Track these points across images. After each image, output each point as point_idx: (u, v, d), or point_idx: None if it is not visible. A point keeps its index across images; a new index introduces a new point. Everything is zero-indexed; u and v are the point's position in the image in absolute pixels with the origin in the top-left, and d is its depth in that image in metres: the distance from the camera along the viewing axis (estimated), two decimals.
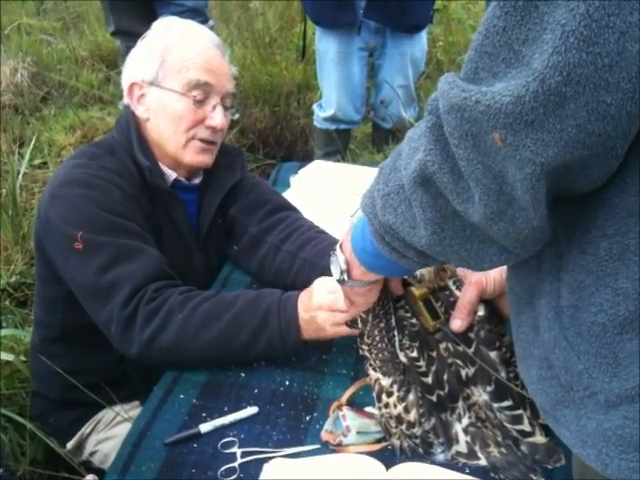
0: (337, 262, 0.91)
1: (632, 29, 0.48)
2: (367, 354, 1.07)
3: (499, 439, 1.02)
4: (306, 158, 3.52)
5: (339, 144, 3.18)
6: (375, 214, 0.75)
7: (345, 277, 0.91)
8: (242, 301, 1.26)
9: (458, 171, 0.60)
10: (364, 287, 0.94)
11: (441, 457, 1.03)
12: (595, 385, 0.62)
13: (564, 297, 0.64)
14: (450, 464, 1.03)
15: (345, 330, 1.18)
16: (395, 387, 1.03)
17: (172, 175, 1.48)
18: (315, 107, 3.32)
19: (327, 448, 1.08)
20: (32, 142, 3.26)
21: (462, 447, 1.03)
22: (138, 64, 1.45)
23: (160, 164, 1.47)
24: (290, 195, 1.84)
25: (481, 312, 1.05)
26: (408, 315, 1.07)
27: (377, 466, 1.02)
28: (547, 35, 0.50)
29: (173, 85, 1.41)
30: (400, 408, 1.02)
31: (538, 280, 0.67)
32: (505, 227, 0.60)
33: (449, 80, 0.57)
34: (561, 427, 0.69)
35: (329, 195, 1.89)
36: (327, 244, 1.45)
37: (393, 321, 1.06)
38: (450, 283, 1.08)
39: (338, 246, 0.91)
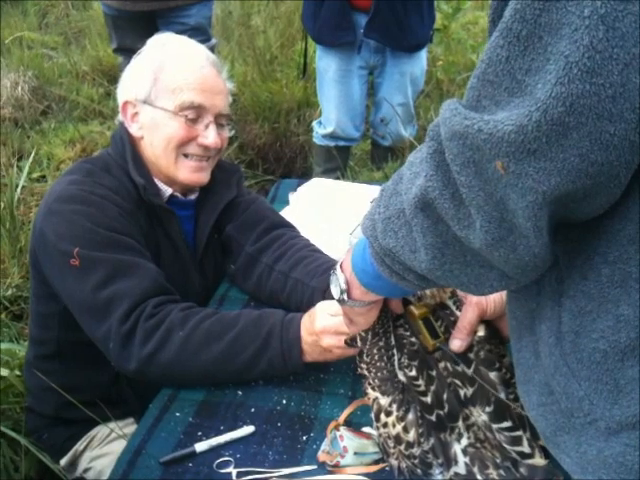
0: (337, 282, 0.91)
1: (635, 61, 0.48)
2: (366, 373, 1.06)
3: (498, 461, 1.01)
4: (305, 175, 3.53)
5: (338, 161, 3.20)
6: (376, 237, 0.75)
7: (345, 297, 0.91)
8: (244, 321, 1.25)
9: (459, 197, 0.60)
10: (364, 307, 0.94)
11: (439, 478, 1.02)
12: (596, 412, 0.62)
13: (565, 322, 0.63)
14: None
15: (351, 351, 1.17)
16: (394, 406, 1.02)
17: (168, 191, 1.48)
18: (315, 124, 3.34)
19: (324, 469, 1.07)
20: (31, 155, 3.26)
21: (461, 468, 1.02)
22: (132, 82, 1.45)
23: (156, 180, 1.47)
24: (288, 212, 1.84)
25: (481, 333, 1.04)
26: (407, 334, 1.06)
27: None
28: (550, 66, 0.50)
29: (166, 104, 1.40)
30: (399, 428, 1.01)
31: (539, 305, 0.67)
32: (506, 254, 0.60)
33: (451, 107, 0.57)
34: (561, 453, 0.68)
35: (328, 212, 1.89)
36: (318, 264, 1.45)
37: (392, 340, 1.06)
38: (450, 303, 1.08)
39: (338, 265, 0.91)
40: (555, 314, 0.64)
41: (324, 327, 1.18)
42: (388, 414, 1.02)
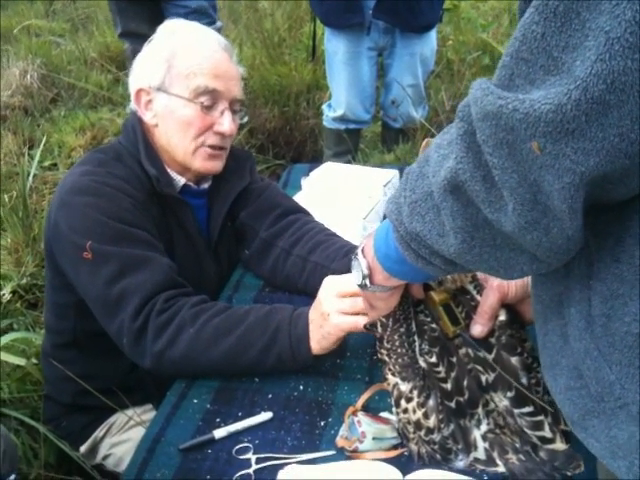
0: (359, 267, 0.89)
1: None
2: (386, 359, 1.05)
3: (517, 445, 1.01)
4: (316, 158, 3.51)
5: (349, 144, 3.17)
6: (401, 221, 0.73)
7: (367, 282, 0.89)
8: (253, 317, 1.24)
9: (491, 179, 0.58)
10: (386, 292, 0.93)
11: (459, 464, 1.02)
12: (627, 396, 0.61)
13: (595, 306, 0.62)
14: (468, 471, 1.01)
15: (351, 323, 1.14)
16: (415, 393, 1.01)
17: (181, 181, 1.47)
18: (325, 107, 3.31)
19: (342, 454, 1.06)
20: (42, 143, 3.26)
21: (480, 454, 1.01)
22: (144, 70, 1.43)
23: (168, 170, 1.45)
24: (301, 197, 1.83)
25: (502, 317, 1.03)
26: (428, 320, 1.05)
27: (394, 472, 1.01)
28: (589, 42, 0.48)
29: (180, 91, 1.39)
30: (420, 414, 1.01)
31: (567, 288, 0.66)
32: (539, 237, 0.59)
33: (483, 86, 0.56)
34: (589, 437, 0.67)
35: (341, 197, 1.87)
36: (337, 247, 1.45)
37: (413, 326, 1.05)
38: (471, 287, 1.07)
39: (359, 250, 0.90)
40: (584, 297, 0.63)
41: (328, 291, 1.17)
42: (408, 400, 1.02)
